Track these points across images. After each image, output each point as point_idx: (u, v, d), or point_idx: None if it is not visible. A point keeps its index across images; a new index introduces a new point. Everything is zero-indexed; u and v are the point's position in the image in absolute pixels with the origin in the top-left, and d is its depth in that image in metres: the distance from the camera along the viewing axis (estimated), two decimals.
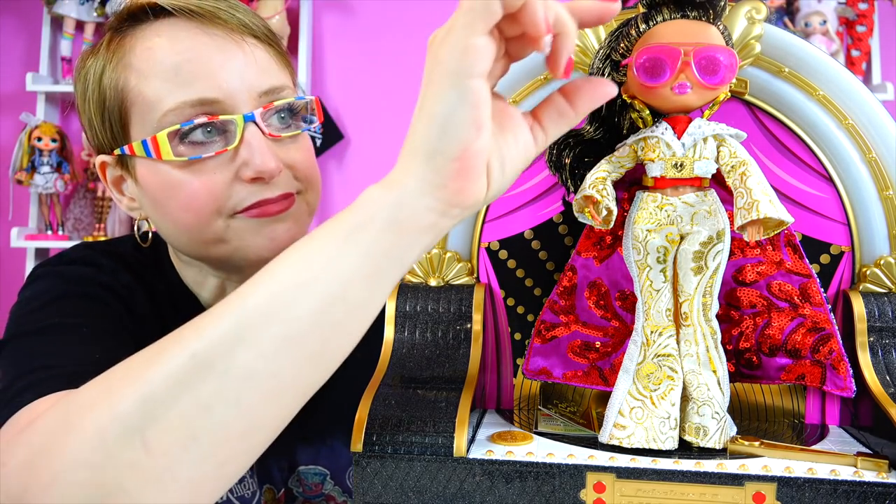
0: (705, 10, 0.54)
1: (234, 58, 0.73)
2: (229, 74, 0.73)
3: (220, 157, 0.73)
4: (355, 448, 0.53)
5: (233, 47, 0.74)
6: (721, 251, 0.55)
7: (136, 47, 0.74)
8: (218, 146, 0.73)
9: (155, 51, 0.73)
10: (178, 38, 0.73)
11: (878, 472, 0.51)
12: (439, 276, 0.65)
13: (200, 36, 0.73)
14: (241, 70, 0.74)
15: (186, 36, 0.73)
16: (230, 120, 0.72)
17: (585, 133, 0.61)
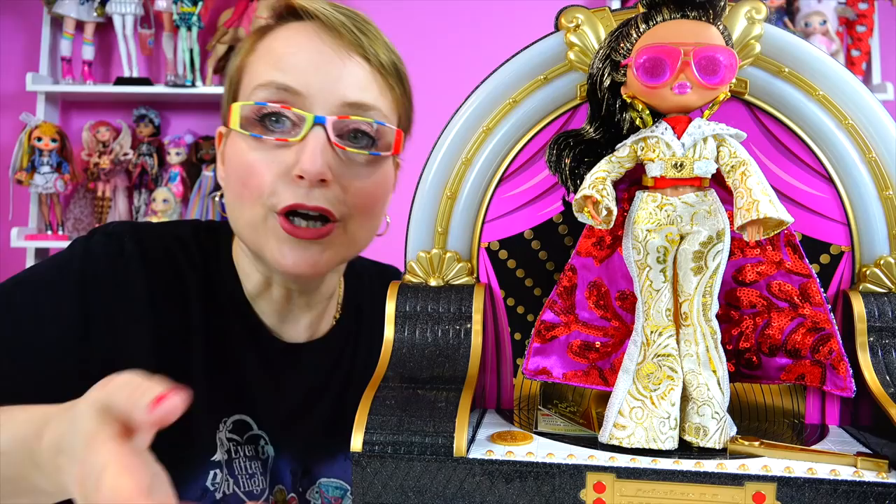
0: (705, 10, 0.54)
1: (333, 65, 0.77)
2: (322, 77, 0.77)
3: (280, 145, 0.76)
4: (355, 448, 0.53)
5: (338, 57, 0.78)
6: (721, 251, 0.55)
7: (268, 38, 0.81)
8: (281, 134, 0.76)
9: (277, 40, 0.79)
10: (297, 36, 0.78)
11: (878, 472, 0.51)
12: (439, 276, 0.65)
13: (316, 40, 0.78)
14: (335, 77, 0.77)
15: (305, 37, 0.78)
16: (301, 115, 0.76)
17: (585, 133, 0.61)
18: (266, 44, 0.80)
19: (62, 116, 2.56)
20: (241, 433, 0.84)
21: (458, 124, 0.64)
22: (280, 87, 0.76)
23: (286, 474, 0.86)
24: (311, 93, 0.76)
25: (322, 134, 0.75)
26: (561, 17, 0.62)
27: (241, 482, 0.83)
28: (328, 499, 0.88)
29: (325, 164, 0.75)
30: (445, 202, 0.65)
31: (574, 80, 0.63)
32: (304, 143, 0.75)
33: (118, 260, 0.82)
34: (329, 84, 0.77)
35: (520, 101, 0.64)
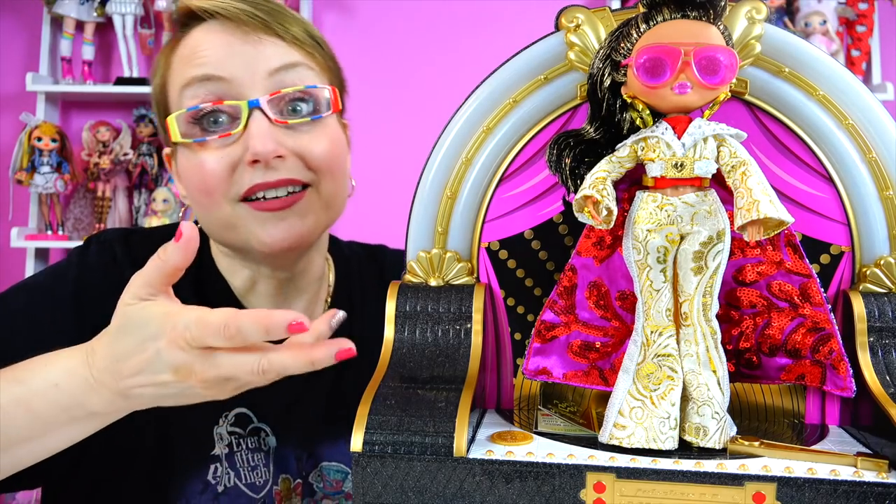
0: (705, 10, 0.54)
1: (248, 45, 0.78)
2: (240, 58, 0.77)
3: (224, 140, 0.77)
4: (355, 448, 0.53)
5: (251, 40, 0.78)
6: (721, 251, 0.55)
7: (180, 45, 0.81)
8: (223, 130, 0.77)
9: (189, 46, 0.79)
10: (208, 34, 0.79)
11: (878, 472, 0.51)
12: (439, 276, 0.65)
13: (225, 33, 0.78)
14: (253, 55, 0.78)
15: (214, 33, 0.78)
16: (235, 106, 0.76)
17: (585, 133, 0.60)
18: (178, 54, 0.81)
19: (62, 116, 2.56)
20: (244, 426, 0.85)
21: (458, 124, 0.64)
22: (203, 79, 0.77)
23: (291, 461, 0.87)
24: (235, 75, 0.77)
25: (261, 116, 0.76)
26: (561, 17, 0.62)
27: (242, 475, 0.84)
28: (330, 482, 0.89)
29: (275, 142, 0.76)
30: (445, 202, 0.65)
31: (574, 80, 0.63)
32: (247, 130, 0.76)
33: (111, 266, 0.84)
34: (249, 62, 0.77)
35: (520, 100, 0.64)
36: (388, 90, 2.48)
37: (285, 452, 0.86)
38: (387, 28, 2.50)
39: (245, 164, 0.76)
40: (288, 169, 0.78)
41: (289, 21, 0.81)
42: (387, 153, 2.44)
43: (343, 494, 0.89)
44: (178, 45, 0.81)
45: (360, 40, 2.51)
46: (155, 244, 0.86)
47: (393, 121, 2.45)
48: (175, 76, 0.80)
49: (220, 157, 0.77)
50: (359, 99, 2.74)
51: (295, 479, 0.87)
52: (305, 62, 0.81)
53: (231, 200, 0.78)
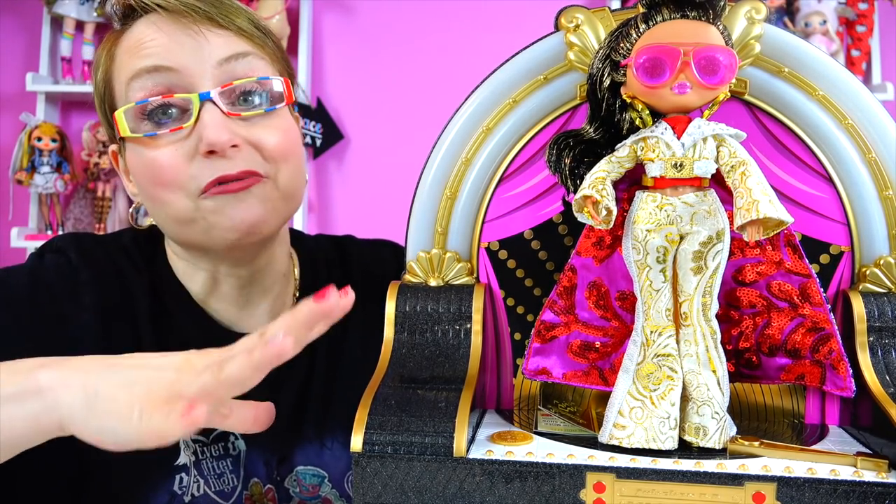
0: (705, 10, 0.54)
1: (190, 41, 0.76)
2: (188, 49, 0.76)
3: (177, 133, 0.75)
4: (355, 448, 0.53)
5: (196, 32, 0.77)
6: (721, 251, 0.55)
7: (121, 40, 0.79)
8: (174, 123, 0.75)
9: (133, 39, 0.78)
10: (150, 27, 0.77)
11: (877, 472, 0.51)
12: (439, 276, 0.65)
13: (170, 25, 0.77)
14: (200, 45, 0.76)
15: (157, 25, 0.77)
16: (186, 99, 0.75)
17: (585, 133, 0.61)
18: (121, 45, 0.79)
19: (62, 116, 2.56)
20: (206, 433, 0.83)
21: (458, 124, 0.64)
22: (151, 70, 0.75)
23: (259, 466, 0.85)
24: (184, 65, 0.75)
25: (213, 108, 0.75)
26: (561, 17, 0.62)
27: (211, 483, 0.83)
28: (306, 486, 0.87)
29: (228, 131, 0.75)
30: (445, 202, 0.65)
31: (574, 80, 0.63)
32: (199, 122, 0.75)
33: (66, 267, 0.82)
34: (197, 51, 0.76)
35: (520, 101, 0.64)
36: (387, 90, 2.47)
37: (253, 457, 0.85)
38: (387, 28, 2.50)
39: (201, 157, 0.75)
40: (245, 160, 0.76)
41: (233, 12, 0.79)
42: (386, 153, 2.44)
43: (320, 499, 0.87)
44: (120, 39, 0.80)
45: (360, 40, 2.51)
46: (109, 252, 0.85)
47: (393, 121, 2.45)
48: (120, 69, 0.78)
49: (173, 150, 0.75)
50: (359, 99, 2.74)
51: (265, 483, 0.86)
52: (255, 52, 0.80)
53: (191, 195, 0.76)
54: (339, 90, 2.48)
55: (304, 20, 2.42)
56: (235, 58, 0.77)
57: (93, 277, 0.82)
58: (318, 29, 2.51)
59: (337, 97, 2.47)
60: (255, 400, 0.86)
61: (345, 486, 0.88)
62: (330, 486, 0.88)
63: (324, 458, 0.88)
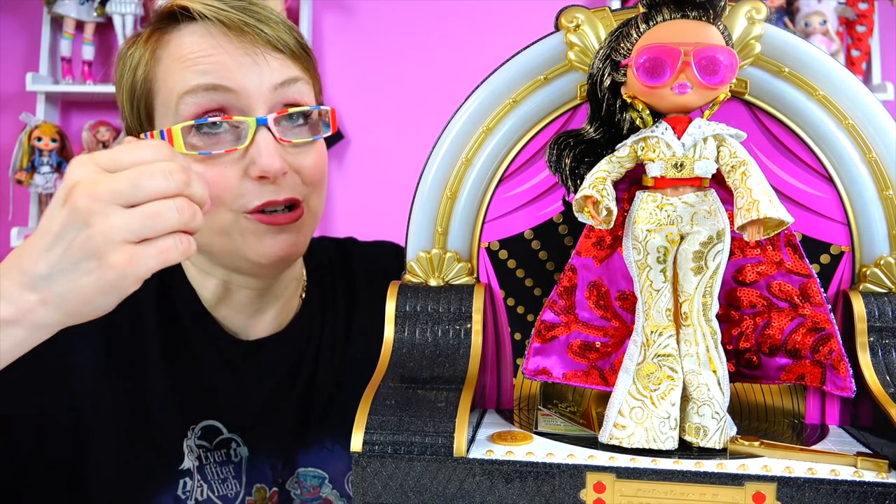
0: (705, 10, 0.54)
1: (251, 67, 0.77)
2: (245, 71, 0.76)
3: (230, 155, 0.76)
4: (355, 448, 0.53)
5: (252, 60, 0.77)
6: (721, 251, 0.55)
7: (170, 43, 0.79)
8: (228, 145, 0.76)
9: (183, 47, 0.78)
10: (206, 39, 0.77)
11: (878, 472, 0.51)
12: (439, 276, 0.65)
13: (226, 42, 0.77)
14: (258, 71, 0.77)
15: (214, 39, 0.77)
16: (243, 122, 0.76)
17: (585, 133, 0.60)
18: (170, 50, 0.79)
19: (62, 116, 2.56)
20: (210, 439, 0.84)
21: (458, 124, 0.64)
22: (209, 88, 0.76)
23: (265, 471, 0.86)
24: (242, 86, 0.76)
25: (268, 134, 0.76)
26: (561, 17, 0.62)
27: (214, 487, 0.83)
28: (307, 488, 0.88)
29: (281, 159, 0.76)
30: (445, 202, 0.65)
31: (574, 80, 0.63)
32: (253, 145, 0.76)
33: None
34: (255, 76, 0.77)
35: (520, 101, 0.64)
36: (388, 90, 2.48)
37: (259, 462, 0.85)
38: (387, 28, 2.50)
39: (250, 178, 0.76)
40: (292, 188, 0.78)
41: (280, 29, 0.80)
42: (387, 153, 2.44)
43: (321, 501, 0.88)
44: (165, 40, 0.79)
45: (360, 40, 2.51)
46: None
47: (393, 121, 2.45)
48: (169, 76, 0.78)
49: (223, 169, 0.76)
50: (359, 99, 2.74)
51: (271, 487, 0.86)
52: (303, 76, 0.82)
53: (235, 211, 0.77)
54: (339, 90, 2.48)
55: (304, 20, 2.42)
56: (289, 83, 0.79)
57: None
58: (318, 29, 2.51)
59: (337, 97, 2.47)
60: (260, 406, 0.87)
61: (345, 487, 0.89)
62: (330, 487, 0.88)
63: (325, 459, 0.88)
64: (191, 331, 0.85)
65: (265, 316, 0.89)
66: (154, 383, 0.82)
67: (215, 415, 0.84)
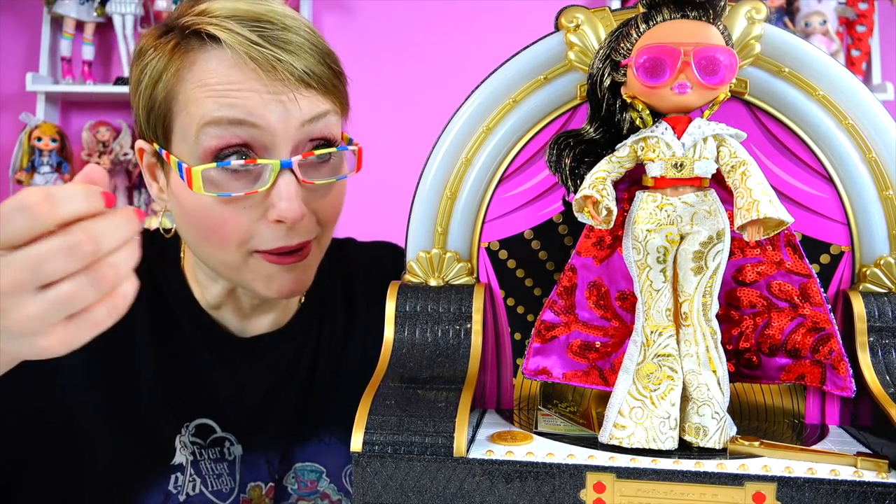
0: (705, 10, 0.54)
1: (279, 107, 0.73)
2: (274, 109, 0.72)
3: (250, 198, 0.73)
4: (355, 448, 0.53)
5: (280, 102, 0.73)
6: (721, 251, 0.55)
7: (196, 64, 0.74)
8: (248, 185, 0.73)
9: (210, 73, 0.73)
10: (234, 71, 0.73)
11: (878, 472, 0.51)
12: (439, 276, 0.65)
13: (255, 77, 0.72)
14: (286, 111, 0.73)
15: (242, 73, 0.72)
16: (266, 166, 0.72)
17: (585, 133, 0.60)
18: (195, 72, 0.74)
19: (62, 116, 2.56)
20: (204, 437, 0.84)
21: (458, 124, 0.64)
22: (234, 122, 0.72)
23: (262, 466, 0.86)
24: (269, 125, 0.72)
25: (291, 177, 0.73)
26: (561, 17, 0.62)
27: (208, 482, 0.83)
28: (304, 482, 0.88)
29: (301, 205, 0.73)
30: (445, 202, 0.65)
31: (574, 80, 0.63)
32: (275, 189, 0.73)
33: None
34: (285, 116, 0.73)
35: (520, 100, 0.64)
36: (388, 90, 2.48)
37: (254, 458, 0.85)
38: (387, 28, 2.50)
39: (265, 220, 0.74)
40: (307, 231, 0.76)
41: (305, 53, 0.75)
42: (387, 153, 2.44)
43: (318, 495, 0.88)
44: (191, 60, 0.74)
45: (360, 40, 2.51)
46: None
47: (393, 121, 2.45)
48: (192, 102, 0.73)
49: (240, 210, 0.74)
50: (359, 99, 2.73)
51: (267, 483, 0.86)
52: (333, 108, 0.78)
53: (244, 251, 0.76)
54: None
55: None
56: (317, 118, 0.75)
57: None
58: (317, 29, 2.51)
59: None
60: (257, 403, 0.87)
61: (343, 481, 0.89)
62: (328, 482, 0.88)
63: (322, 453, 0.88)
64: (186, 328, 0.85)
65: (265, 316, 0.89)
66: (146, 381, 0.81)
67: (209, 413, 0.84)
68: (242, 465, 0.85)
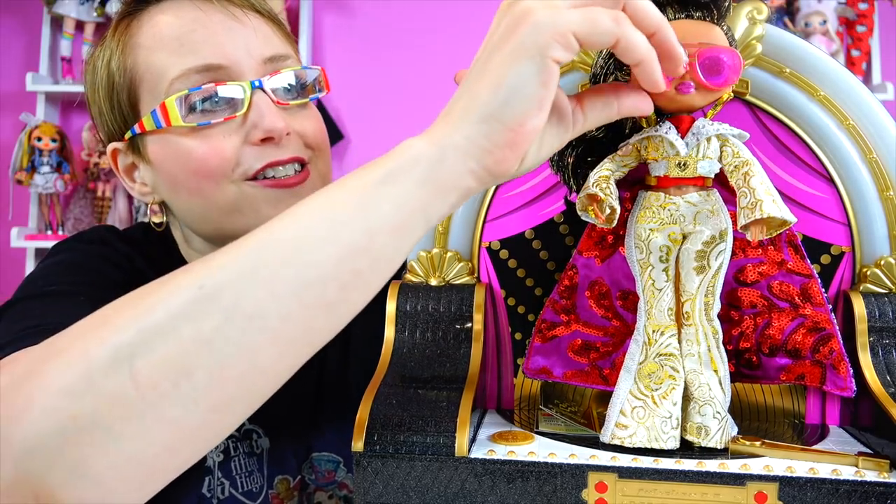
0: (709, 11, 0.54)
1: (236, 28, 0.75)
2: (233, 43, 0.75)
3: (228, 122, 0.75)
4: (356, 448, 0.53)
5: (235, 20, 0.76)
6: (723, 251, 0.55)
7: (143, 26, 0.76)
8: (226, 112, 0.74)
9: (160, 26, 0.75)
10: (181, 13, 0.75)
11: (879, 472, 0.51)
12: (440, 275, 0.65)
13: (202, 11, 0.75)
14: (245, 39, 0.75)
15: (189, 11, 0.75)
16: (238, 86, 0.74)
17: (587, 132, 0.60)
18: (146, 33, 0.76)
19: (62, 116, 2.56)
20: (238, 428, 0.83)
21: None
22: (201, 70, 0.74)
23: (289, 458, 0.85)
24: (232, 61, 0.75)
25: (265, 96, 0.75)
26: None
27: (238, 483, 0.82)
28: (322, 472, 0.87)
29: (282, 118, 0.75)
30: None
31: (575, 79, 0.63)
32: (252, 108, 0.74)
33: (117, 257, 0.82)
34: (243, 48, 0.75)
35: None
36: (387, 90, 2.48)
37: (282, 451, 0.85)
38: (387, 28, 2.50)
39: (250, 144, 0.75)
40: (293, 147, 0.77)
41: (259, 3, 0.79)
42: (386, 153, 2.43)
43: (336, 485, 0.87)
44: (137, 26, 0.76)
45: (360, 40, 2.51)
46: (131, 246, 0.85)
47: (393, 121, 2.44)
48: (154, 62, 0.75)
49: (222, 139, 0.74)
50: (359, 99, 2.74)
51: (295, 477, 0.85)
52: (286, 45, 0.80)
53: (236, 181, 0.75)
54: (339, 90, 2.48)
55: (304, 20, 2.42)
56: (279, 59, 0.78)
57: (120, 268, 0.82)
58: (318, 29, 2.51)
59: (337, 97, 2.47)
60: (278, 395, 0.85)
61: None
62: (345, 471, 0.87)
63: (338, 443, 0.87)
64: None
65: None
66: None
67: None
68: (269, 459, 0.84)
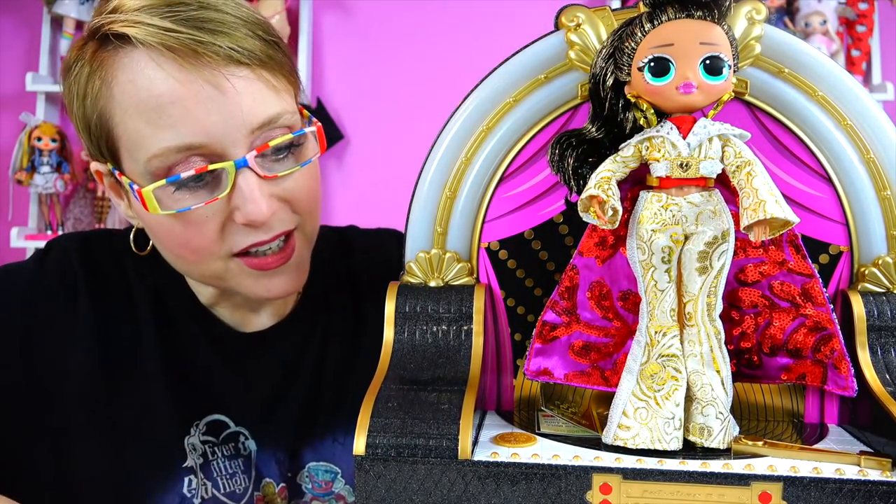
0: (710, 10, 0.54)
1: (217, 99, 0.68)
2: (215, 117, 0.68)
3: (211, 206, 0.70)
4: (358, 451, 0.53)
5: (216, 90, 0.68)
6: (726, 251, 0.55)
7: (119, 76, 0.69)
8: (207, 195, 0.70)
9: (137, 87, 0.68)
10: (157, 77, 0.67)
11: (882, 471, 0.51)
12: (439, 276, 0.65)
13: (180, 76, 0.67)
14: (229, 111, 0.68)
15: (166, 76, 0.67)
16: (221, 168, 0.69)
17: (587, 133, 0.60)
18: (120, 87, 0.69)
19: (62, 116, 2.55)
20: (217, 434, 0.83)
21: (457, 123, 0.64)
22: (181, 150, 0.68)
23: (271, 465, 0.85)
24: (214, 138, 0.68)
25: (250, 175, 0.69)
26: (561, 16, 0.62)
27: (220, 484, 0.82)
28: (318, 482, 0.86)
29: (268, 202, 0.70)
30: (445, 202, 0.65)
31: (574, 79, 0.63)
32: (235, 191, 0.69)
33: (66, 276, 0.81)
34: (224, 124, 0.68)
35: (520, 100, 0.63)
36: (387, 90, 2.47)
37: (265, 456, 0.84)
38: (387, 28, 2.50)
39: (235, 224, 0.72)
40: (282, 222, 0.73)
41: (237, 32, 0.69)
42: (386, 153, 2.43)
43: (333, 496, 0.87)
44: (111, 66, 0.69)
45: (360, 40, 2.51)
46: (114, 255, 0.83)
47: (393, 120, 2.44)
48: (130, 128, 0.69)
49: (205, 221, 0.70)
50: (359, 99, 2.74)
51: (278, 483, 0.85)
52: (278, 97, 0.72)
53: (222, 257, 0.74)
54: (339, 90, 2.48)
55: (304, 20, 2.42)
56: (271, 122, 0.71)
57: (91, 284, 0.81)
58: (318, 29, 2.50)
59: (337, 97, 2.47)
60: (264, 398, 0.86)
61: None
62: (343, 483, 0.87)
63: (335, 453, 0.87)
64: (189, 327, 0.84)
65: (264, 310, 0.88)
66: (150, 382, 0.81)
67: (221, 409, 0.83)
68: (257, 461, 0.84)
